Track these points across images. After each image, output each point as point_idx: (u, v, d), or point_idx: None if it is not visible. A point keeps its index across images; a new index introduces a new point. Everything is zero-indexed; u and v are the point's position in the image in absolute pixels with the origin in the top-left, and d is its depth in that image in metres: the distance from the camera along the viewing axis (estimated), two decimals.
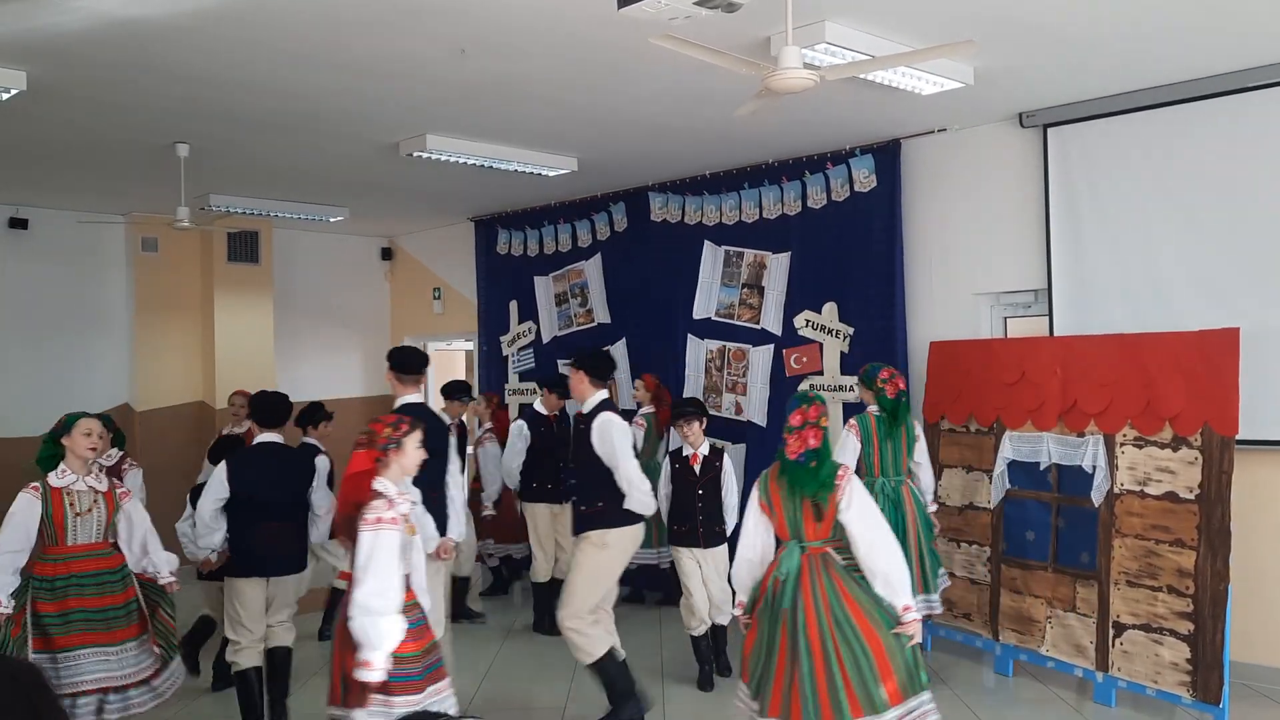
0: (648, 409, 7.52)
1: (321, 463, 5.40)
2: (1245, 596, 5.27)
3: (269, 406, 5.29)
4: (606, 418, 5.15)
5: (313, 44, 4.75)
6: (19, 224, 8.67)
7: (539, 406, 7.36)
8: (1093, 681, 5.38)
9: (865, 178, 6.98)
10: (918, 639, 3.80)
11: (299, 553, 5.18)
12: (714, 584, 5.88)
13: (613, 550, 5.14)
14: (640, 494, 5.11)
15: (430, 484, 4.71)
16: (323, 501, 5.24)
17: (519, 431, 7.19)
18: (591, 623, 5.08)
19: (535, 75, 5.30)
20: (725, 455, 6.04)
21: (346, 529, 3.55)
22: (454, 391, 7.49)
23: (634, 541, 5.22)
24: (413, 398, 5.03)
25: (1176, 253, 5.74)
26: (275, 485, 5.06)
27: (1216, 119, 5.56)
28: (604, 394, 5.32)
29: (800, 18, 4.28)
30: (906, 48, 4.74)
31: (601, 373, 5.33)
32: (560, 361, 9.01)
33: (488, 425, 7.93)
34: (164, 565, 4.80)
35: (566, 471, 6.92)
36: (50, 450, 4.67)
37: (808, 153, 7.21)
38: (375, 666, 3.32)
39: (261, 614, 5.10)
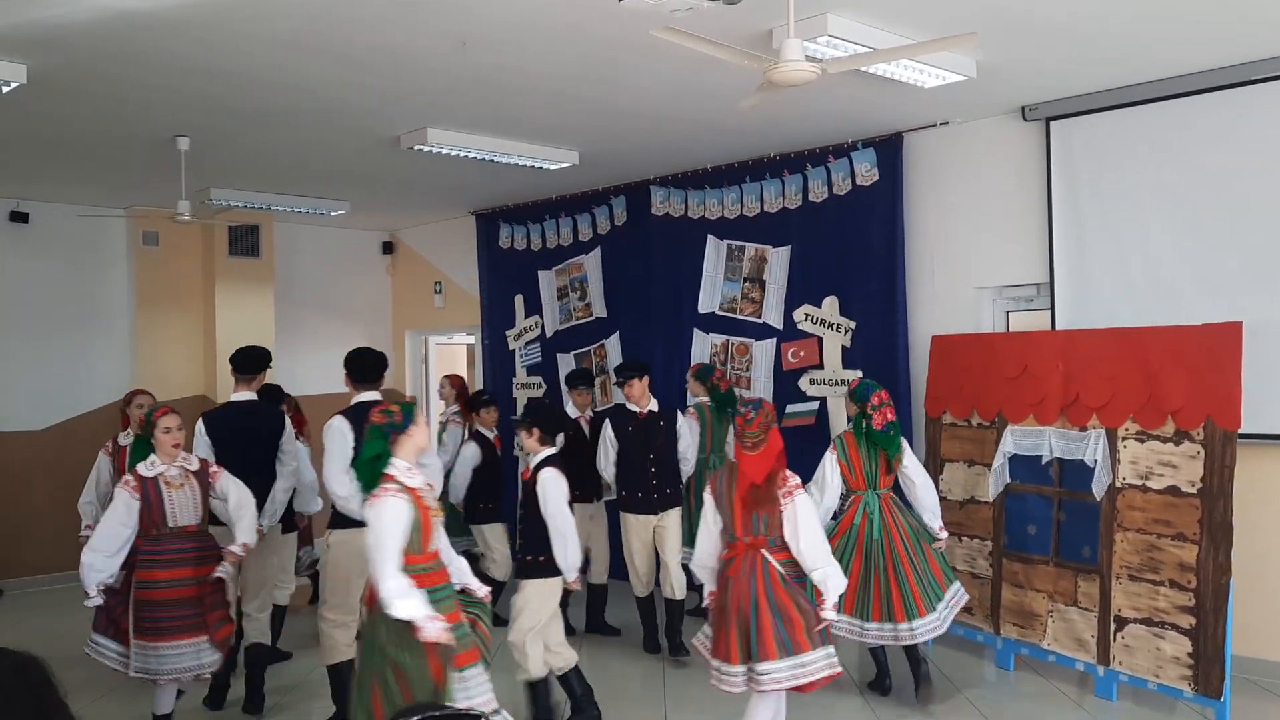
0: (454, 408, 7.47)
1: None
2: (1246, 591, 5.27)
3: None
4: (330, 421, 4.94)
5: (313, 37, 4.74)
6: (20, 218, 8.67)
7: (571, 409, 6.94)
8: (1094, 675, 5.39)
9: (867, 171, 6.97)
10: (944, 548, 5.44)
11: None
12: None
13: (332, 552, 4.94)
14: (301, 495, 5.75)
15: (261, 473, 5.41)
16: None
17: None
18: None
19: (536, 69, 5.29)
20: (543, 474, 4.96)
21: (765, 496, 4.22)
22: None
23: (340, 542, 4.91)
24: (245, 395, 5.65)
25: (1179, 247, 5.73)
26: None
27: (1220, 112, 5.55)
28: (369, 395, 4.97)
29: (802, 10, 4.27)
30: (908, 40, 4.73)
31: (360, 375, 5.06)
32: (561, 355, 9.04)
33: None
34: (469, 573, 4.14)
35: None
36: (380, 449, 3.88)
37: (809, 146, 7.20)
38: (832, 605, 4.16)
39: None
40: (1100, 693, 5.33)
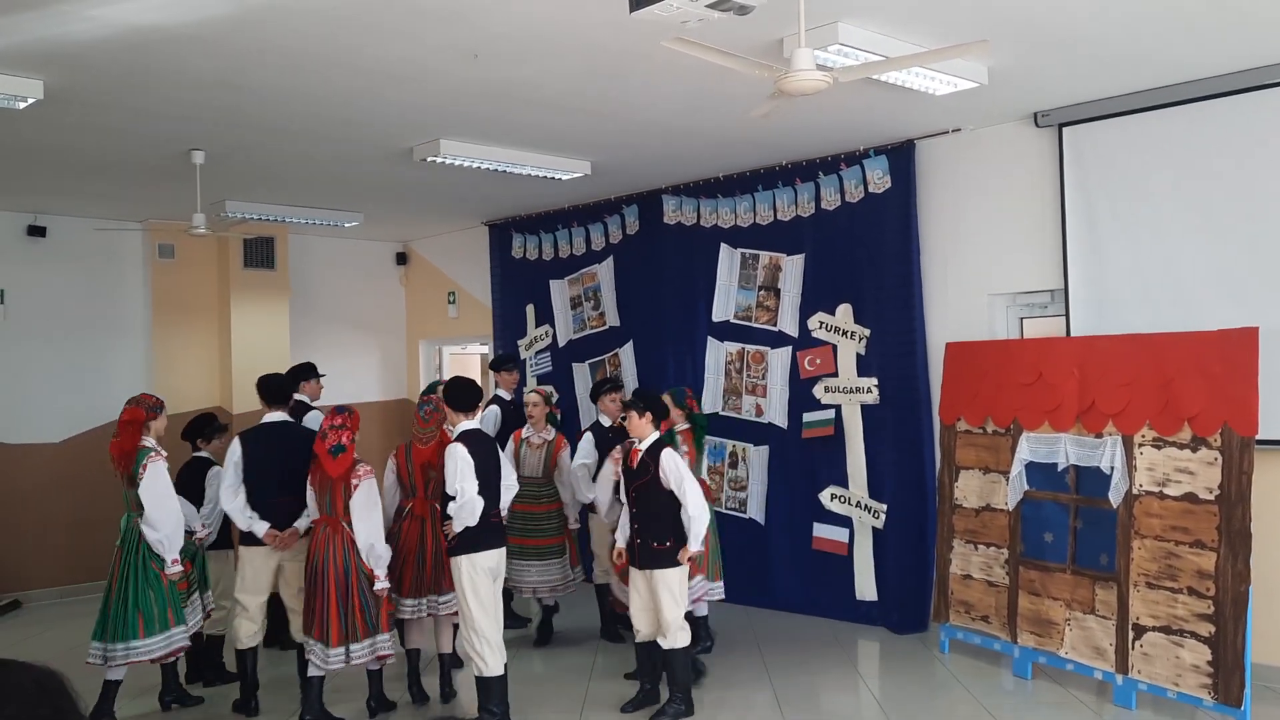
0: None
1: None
2: (1265, 598, 5.23)
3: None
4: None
5: (326, 50, 4.77)
6: (37, 231, 8.74)
7: (603, 418, 6.73)
8: (1112, 684, 5.35)
9: (879, 179, 6.96)
10: None
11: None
12: None
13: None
14: None
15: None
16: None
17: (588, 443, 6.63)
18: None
19: (548, 79, 5.31)
20: (449, 448, 5.20)
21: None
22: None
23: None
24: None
25: (1193, 252, 5.70)
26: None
27: (1233, 117, 5.52)
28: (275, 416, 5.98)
29: (813, 19, 4.27)
30: (920, 48, 4.72)
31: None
32: (574, 364, 9.05)
33: None
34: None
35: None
36: None
37: (821, 154, 7.20)
38: None
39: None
40: (1119, 701, 5.29)
